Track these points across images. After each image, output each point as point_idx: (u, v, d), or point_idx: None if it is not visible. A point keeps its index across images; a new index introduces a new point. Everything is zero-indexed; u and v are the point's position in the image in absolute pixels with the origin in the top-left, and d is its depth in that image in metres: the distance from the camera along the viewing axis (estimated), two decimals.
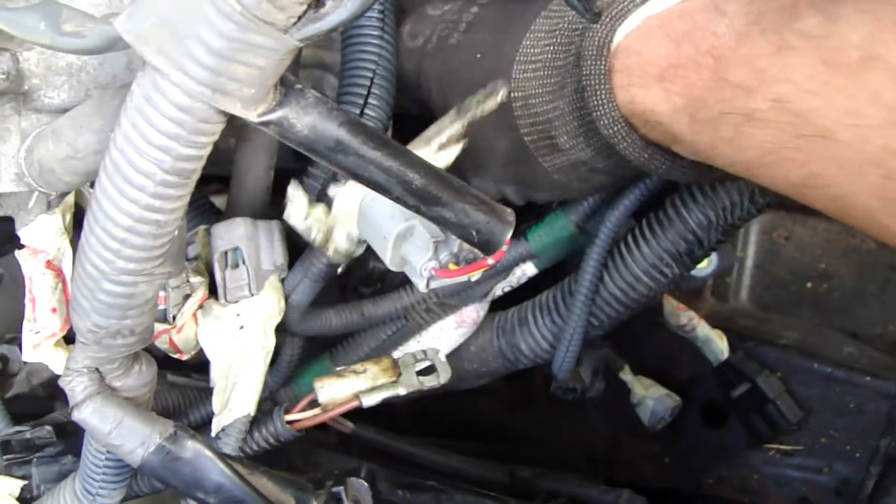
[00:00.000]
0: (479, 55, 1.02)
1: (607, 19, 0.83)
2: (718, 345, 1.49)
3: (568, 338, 1.15)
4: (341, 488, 1.00)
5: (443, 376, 1.04)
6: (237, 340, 1.03)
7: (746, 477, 1.55)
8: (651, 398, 1.46)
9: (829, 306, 1.82)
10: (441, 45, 1.09)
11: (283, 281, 1.09)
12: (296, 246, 1.11)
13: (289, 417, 1.03)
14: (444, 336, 1.21)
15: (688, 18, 0.78)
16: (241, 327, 1.04)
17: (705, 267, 1.40)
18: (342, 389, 1.02)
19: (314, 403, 1.03)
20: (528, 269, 1.20)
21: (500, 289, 1.22)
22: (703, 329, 1.48)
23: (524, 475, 1.41)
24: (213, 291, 1.09)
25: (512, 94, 0.96)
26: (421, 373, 1.04)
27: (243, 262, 1.05)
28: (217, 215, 1.24)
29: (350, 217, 1.02)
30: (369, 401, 1.02)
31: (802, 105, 0.68)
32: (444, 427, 1.12)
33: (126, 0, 0.94)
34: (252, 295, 1.04)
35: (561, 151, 0.96)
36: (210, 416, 1.20)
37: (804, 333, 1.62)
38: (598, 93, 0.85)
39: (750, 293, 1.84)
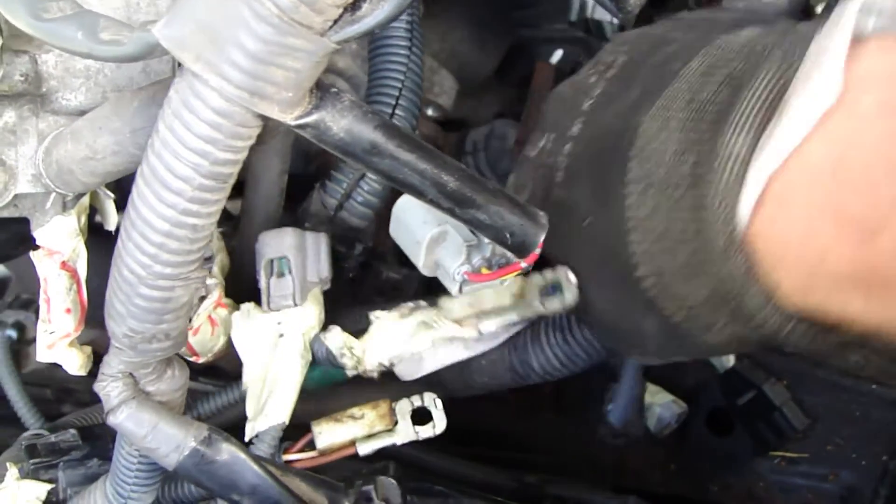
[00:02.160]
0: (585, 220, 0.88)
1: (723, 179, 0.70)
2: None
3: (627, 393, 1.16)
4: (371, 487, 1.00)
5: (438, 426, 1.05)
6: (276, 348, 1.03)
7: (752, 484, 1.55)
8: (658, 404, 1.47)
9: None
10: (546, 200, 0.95)
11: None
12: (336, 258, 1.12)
13: (287, 458, 1.03)
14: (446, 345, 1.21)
15: (852, 179, 0.62)
16: (281, 335, 1.04)
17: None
18: (339, 435, 1.03)
19: (311, 444, 1.04)
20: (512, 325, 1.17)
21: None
22: None
23: (531, 481, 1.40)
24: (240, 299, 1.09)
25: (639, 269, 0.81)
26: (417, 421, 1.05)
27: (289, 272, 1.04)
28: (228, 220, 1.24)
29: (383, 346, 1.04)
30: (365, 449, 1.03)
31: None
32: (450, 433, 1.12)
33: (143, 4, 0.94)
34: (296, 305, 1.04)
35: (717, 332, 0.81)
36: (210, 415, 1.21)
37: None
38: (750, 293, 0.73)
39: None
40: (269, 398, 1.01)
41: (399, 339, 1.04)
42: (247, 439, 1.01)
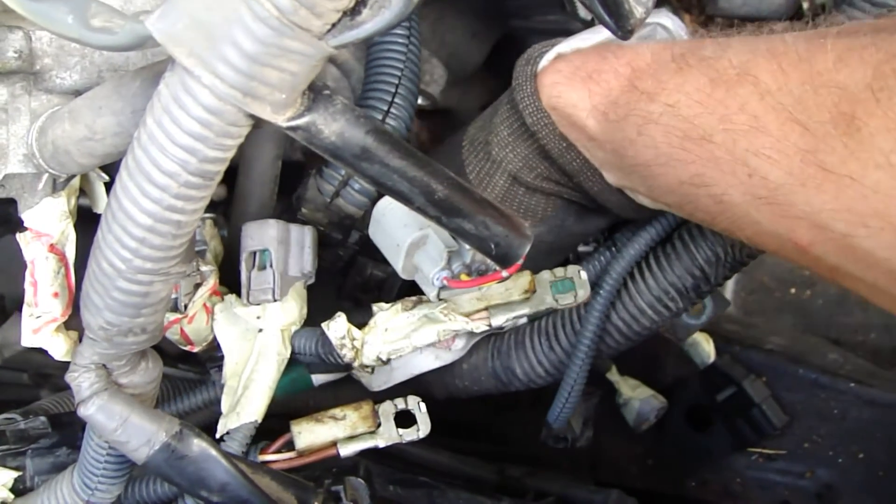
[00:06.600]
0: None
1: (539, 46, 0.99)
2: (705, 348, 1.50)
3: (567, 389, 1.14)
4: (340, 487, 0.99)
5: (423, 429, 1.01)
6: (254, 343, 1.02)
7: (729, 480, 1.57)
8: (637, 399, 1.47)
9: (813, 313, 1.85)
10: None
11: (294, 335, 1.05)
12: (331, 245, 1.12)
13: (264, 458, 1.00)
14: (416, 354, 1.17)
15: (614, 43, 0.93)
16: (260, 330, 1.02)
17: (699, 314, 1.36)
18: (320, 436, 0.99)
19: (290, 444, 1.00)
20: (521, 319, 1.16)
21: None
22: None
23: (514, 474, 1.40)
24: (234, 288, 1.07)
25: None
26: (400, 424, 1.01)
27: (270, 266, 1.02)
28: (214, 207, 1.23)
29: (384, 338, 1.01)
30: (346, 451, 0.99)
31: (689, 111, 0.79)
32: (431, 424, 1.12)
33: None
34: (275, 300, 1.02)
35: (495, 163, 1.04)
36: (194, 407, 1.21)
37: (790, 339, 1.63)
38: (525, 90, 0.96)
39: (734, 298, 1.86)
40: (243, 395, 1.00)
41: (401, 333, 1.01)
42: (218, 436, 0.99)
